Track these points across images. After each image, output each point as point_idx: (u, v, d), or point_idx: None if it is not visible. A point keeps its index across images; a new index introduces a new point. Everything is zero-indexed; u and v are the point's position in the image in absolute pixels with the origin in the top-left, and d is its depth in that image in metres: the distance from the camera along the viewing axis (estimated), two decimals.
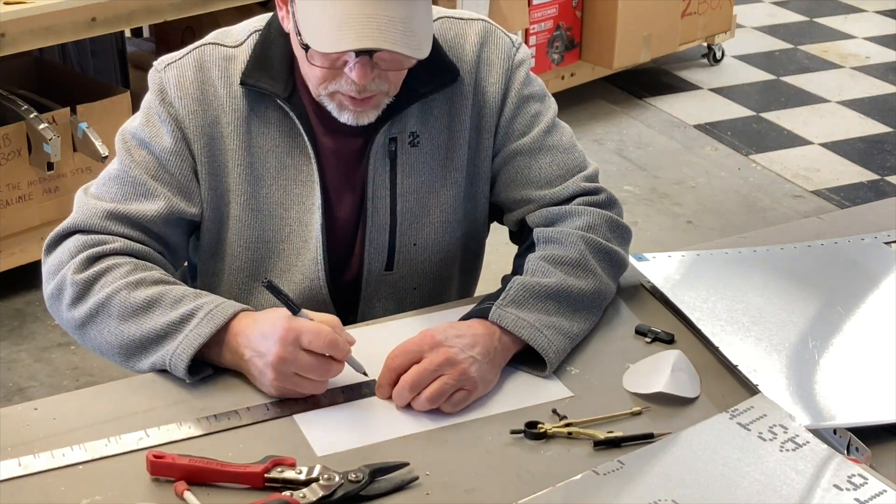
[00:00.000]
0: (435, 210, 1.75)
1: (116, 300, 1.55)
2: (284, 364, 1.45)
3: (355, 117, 1.61)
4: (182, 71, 1.67)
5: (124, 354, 1.55)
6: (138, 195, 1.65)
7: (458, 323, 1.56)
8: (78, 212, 1.66)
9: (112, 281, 1.56)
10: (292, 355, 1.44)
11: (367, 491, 1.32)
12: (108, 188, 1.67)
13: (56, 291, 1.61)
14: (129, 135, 1.68)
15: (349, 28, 1.49)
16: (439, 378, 1.47)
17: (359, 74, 1.53)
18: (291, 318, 1.47)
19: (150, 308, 1.54)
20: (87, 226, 1.63)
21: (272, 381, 1.46)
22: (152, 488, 1.33)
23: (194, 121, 1.66)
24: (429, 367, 1.47)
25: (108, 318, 1.55)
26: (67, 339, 3.21)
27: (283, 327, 1.45)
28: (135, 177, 1.65)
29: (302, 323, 1.46)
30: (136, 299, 1.54)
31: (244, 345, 1.49)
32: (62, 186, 3.32)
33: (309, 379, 1.46)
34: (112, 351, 1.56)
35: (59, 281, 1.60)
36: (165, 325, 1.52)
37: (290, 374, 1.46)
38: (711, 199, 4.14)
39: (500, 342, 1.54)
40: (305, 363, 1.45)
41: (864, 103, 4.97)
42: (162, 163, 1.66)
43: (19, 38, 3.04)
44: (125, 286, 1.55)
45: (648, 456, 1.38)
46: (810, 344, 1.62)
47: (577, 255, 1.65)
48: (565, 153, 1.76)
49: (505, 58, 1.74)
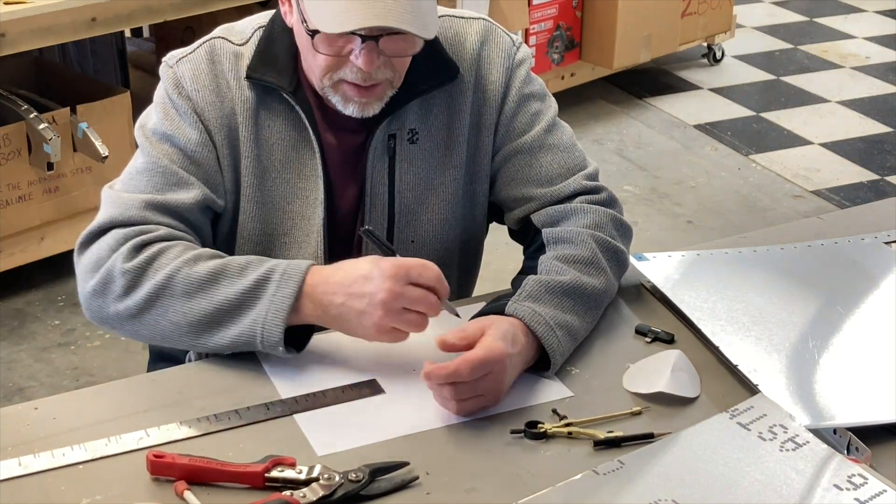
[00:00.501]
0: (433, 207, 1.75)
1: (178, 278, 1.53)
2: (396, 299, 1.47)
3: (360, 109, 1.61)
4: (196, 64, 1.67)
5: (195, 332, 1.53)
6: (171, 185, 1.63)
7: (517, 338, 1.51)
8: (111, 207, 1.62)
9: (168, 262, 1.54)
10: (402, 289, 1.47)
11: (367, 491, 1.32)
12: (137, 182, 1.64)
13: (101, 286, 1.56)
14: (149, 131, 1.67)
15: (356, 8, 1.50)
16: (481, 399, 1.47)
17: (365, 61, 1.54)
18: (390, 259, 1.50)
19: (218, 279, 1.52)
20: (124, 218, 1.60)
21: (380, 319, 1.48)
22: (152, 488, 1.33)
23: (213, 112, 1.66)
24: (476, 388, 1.45)
25: (171, 299, 1.53)
26: (67, 339, 3.21)
27: (390, 264, 1.48)
28: (165, 167, 1.64)
29: (406, 259, 1.50)
30: (200, 272, 1.53)
31: (333, 291, 1.50)
32: (62, 186, 3.32)
33: (417, 313, 1.48)
34: (181, 331, 1.53)
35: (105, 274, 1.56)
36: (240, 294, 1.51)
37: (399, 310, 1.47)
38: (711, 199, 4.14)
39: (522, 362, 1.53)
40: (415, 296, 1.48)
41: (864, 103, 4.97)
42: (188, 155, 1.65)
43: (19, 38, 3.04)
44: (184, 263, 1.54)
45: (648, 456, 1.38)
46: (810, 344, 1.62)
47: (590, 253, 1.65)
48: (566, 152, 1.76)
49: (505, 56, 1.74)
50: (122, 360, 3.13)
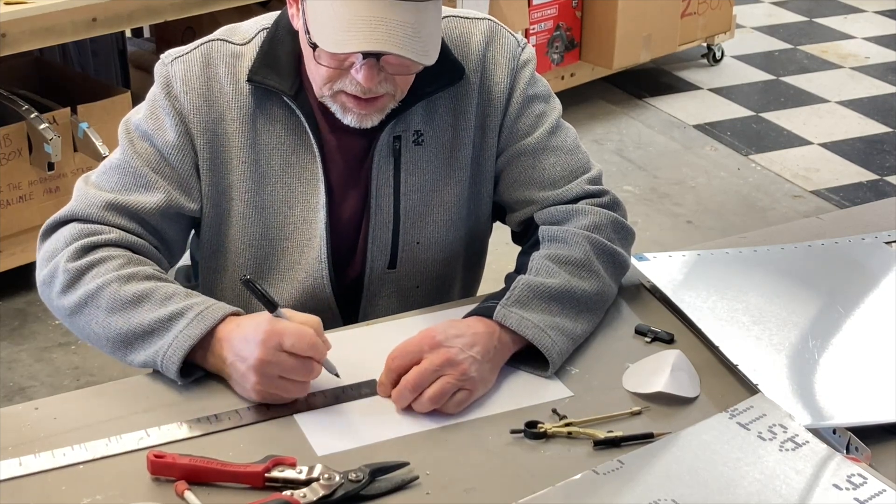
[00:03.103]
0: (438, 209, 1.75)
1: (106, 292, 1.55)
2: (267, 367, 1.44)
3: (358, 120, 1.61)
4: (189, 66, 1.67)
5: (112, 347, 1.55)
6: (138, 186, 1.65)
7: (458, 322, 1.56)
8: (77, 200, 1.66)
9: (104, 273, 1.56)
10: (275, 358, 1.44)
11: (368, 490, 1.32)
12: (108, 178, 1.67)
13: (48, 278, 1.61)
14: (132, 126, 1.69)
15: (357, 30, 1.49)
16: (440, 379, 1.47)
17: (365, 76, 1.53)
18: (273, 321, 1.47)
19: (139, 303, 1.54)
20: (84, 215, 1.63)
21: (254, 385, 1.46)
22: (153, 488, 1.33)
23: (198, 116, 1.66)
24: (430, 367, 1.47)
25: (96, 310, 1.55)
26: (68, 339, 3.21)
27: (264, 331, 1.45)
28: (136, 168, 1.65)
29: (284, 325, 1.46)
30: (126, 293, 1.54)
31: (226, 349, 1.49)
32: (63, 186, 3.32)
33: (292, 381, 1.46)
34: (100, 342, 1.57)
35: (52, 268, 1.60)
36: (153, 322, 1.52)
37: (273, 376, 1.45)
38: (711, 199, 4.14)
39: (499, 341, 1.54)
40: (288, 365, 1.45)
41: (863, 103, 4.97)
42: (163, 156, 1.66)
43: (19, 38, 3.04)
44: (116, 279, 1.56)
45: (648, 456, 1.38)
46: (810, 343, 1.62)
47: (582, 255, 1.65)
48: (569, 154, 1.76)
49: (510, 57, 1.74)
50: None
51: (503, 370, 1.55)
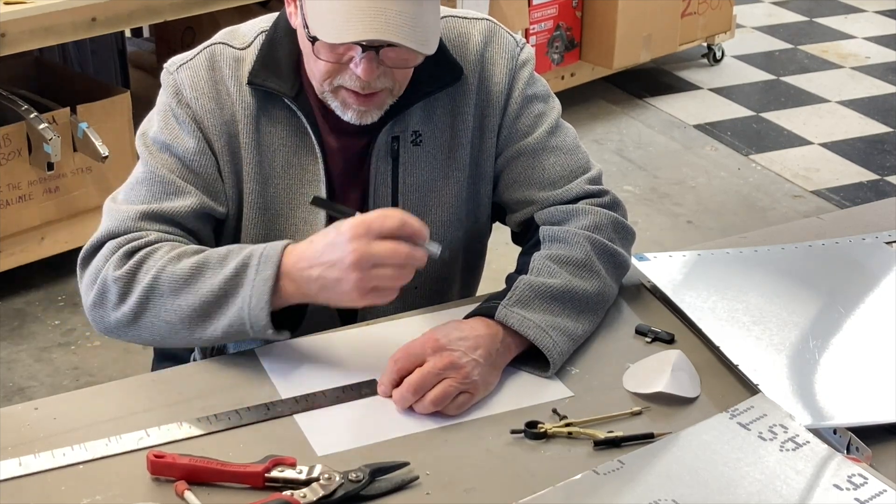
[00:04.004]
0: (437, 209, 1.75)
1: (164, 277, 1.53)
2: (364, 259, 1.44)
3: (358, 116, 1.61)
4: (195, 71, 1.67)
5: (189, 328, 1.53)
6: (168, 194, 1.63)
7: (461, 323, 1.56)
8: (109, 220, 1.63)
9: (153, 264, 1.55)
10: (370, 248, 1.44)
11: (368, 491, 1.32)
12: (136, 192, 1.65)
13: (99, 298, 1.58)
14: (150, 140, 1.67)
15: (357, 20, 1.49)
16: (443, 382, 1.47)
17: (364, 70, 1.53)
18: (348, 220, 1.47)
19: (200, 273, 1.53)
20: (120, 230, 1.61)
21: (357, 282, 1.45)
22: (153, 488, 1.33)
23: (212, 119, 1.66)
24: (432, 370, 1.47)
25: (160, 298, 1.54)
26: (68, 339, 3.22)
27: (350, 226, 1.45)
28: (163, 176, 1.64)
29: (368, 214, 1.46)
30: (183, 269, 1.53)
31: (308, 266, 1.48)
32: (62, 186, 3.32)
33: (393, 267, 1.45)
34: (176, 329, 1.54)
35: (101, 285, 1.57)
36: (222, 282, 1.51)
37: (371, 267, 1.44)
38: (711, 199, 4.14)
39: (502, 343, 1.54)
40: (384, 250, 1.44)
41: (863, 103, 4.97)
42: (186, 163, 1.65)
43: (19, 38, 3.04)
44: (168, 262, 1.54)
45: (648, 456, 1.38)
46: (811, 344, 1.62)
47: (583, 255, 1.65)
48: (569, 154, 1.76)
49: (509, 57, 1.74)
50: (122, 360, 3.13)
51: (504, 370, 1.55)
